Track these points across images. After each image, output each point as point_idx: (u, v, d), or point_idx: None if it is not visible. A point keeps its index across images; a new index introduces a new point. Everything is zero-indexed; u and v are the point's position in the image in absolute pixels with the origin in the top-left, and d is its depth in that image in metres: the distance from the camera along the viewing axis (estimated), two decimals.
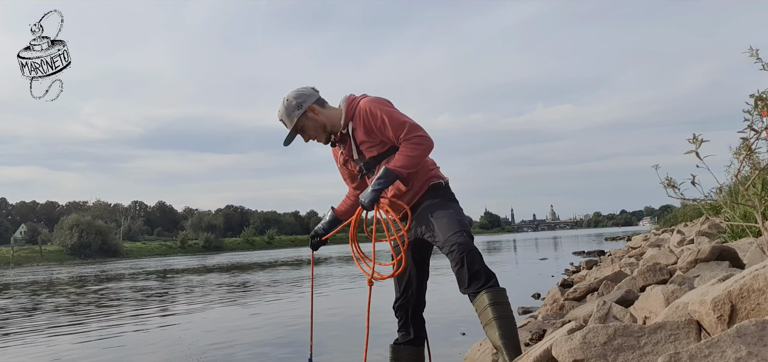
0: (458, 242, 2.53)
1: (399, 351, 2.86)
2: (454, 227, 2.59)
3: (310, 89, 2.83)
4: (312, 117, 2.77)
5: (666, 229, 19.70)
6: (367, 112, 2.69)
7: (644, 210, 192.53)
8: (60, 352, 5.51)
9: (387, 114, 2.67)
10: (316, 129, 2.79)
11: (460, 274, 2.51)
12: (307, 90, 2.82)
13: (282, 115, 2.80)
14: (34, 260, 57.91)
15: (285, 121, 2.80)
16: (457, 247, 2.52)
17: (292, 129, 2.78)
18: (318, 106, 2.78)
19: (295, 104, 2.76)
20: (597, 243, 29.49)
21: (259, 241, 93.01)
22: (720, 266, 3.58)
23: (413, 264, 2.85)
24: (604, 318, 2.92)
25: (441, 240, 2.59)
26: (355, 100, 2.78)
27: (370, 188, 2.65)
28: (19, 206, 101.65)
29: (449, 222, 2.60)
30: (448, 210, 2.67)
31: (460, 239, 2.54)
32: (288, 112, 2.77)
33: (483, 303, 2.44)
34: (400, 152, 2.65)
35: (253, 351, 4.94)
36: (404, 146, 2.65)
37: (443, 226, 2.60)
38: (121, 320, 7.75)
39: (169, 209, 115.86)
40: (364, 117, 2.69)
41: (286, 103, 2.78)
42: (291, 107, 2.76)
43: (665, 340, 1.80)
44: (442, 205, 2.69)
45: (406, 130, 2.64)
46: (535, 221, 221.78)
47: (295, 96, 2.78)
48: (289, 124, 2.78)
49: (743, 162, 2.83)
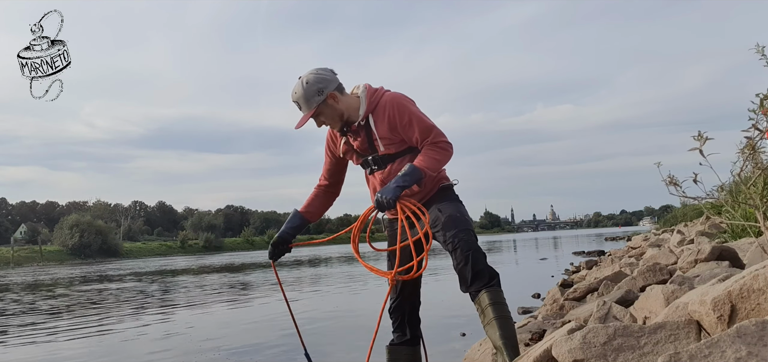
0: (463, 239, 2.52)
1: (395, 352, 2.85)
2: (461, 225, 2.57)
3: (330, 72, 2.65)
4: (331, 104, 2.60)
5: (666, 229, 19.70)
6: (393, 108, 2.59)
7: (644, 211, 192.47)
8: (59, 352, 5.51)
9: (415, 114, 2.60)
10: (333, 117, 2.63)
11: (463, 272, 2.50)
12: (328, 73, 2.63)
13: (299, 98, 2.59)
14: (34, 260, 57.91)
15: (301, 105, 2.60)
16: (462, 245, 2.51)
17: (307, 115, 2.60)
18: (338, 93, 2.61)
19: (315, 89, 2.56)
20: (597, 243, 29.45)
21: (259, 241, 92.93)
22: (720, 266, 3.58)
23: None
24: (604, 318, 2.91)
25: (446, 236, 2.57)
26: (378, 91, 2.67)
27: (393, 184, 2.52)
28: (19, 206, 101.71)
29: (456, 220, 2.59)
30: (455, 209, 2.66)
31: (466, 237, 2.53)
32: (307, 96, 2.57)
33: (484, 302, 2.44)
34: (426, 154, 2.58)
35: (253, 350, 4.93)
36: (430, 149, 2.58)
37: (449, 223, 2.58)
38: (120, 320, 7.75)
39: (169, 209, 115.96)
40: (390, 112, 2.59)
41: (305, 85, 2.57)
42: (311, 92, 2.56)
43: (665, 340, 1.80)
44: (450, 205, 2.68)
45: (433, 135, 2.59)
46: (535, 221, 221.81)
47: (316, 80, 2.58)
48: (305, 108, 2.59)
49: (746, 161, 2.83)
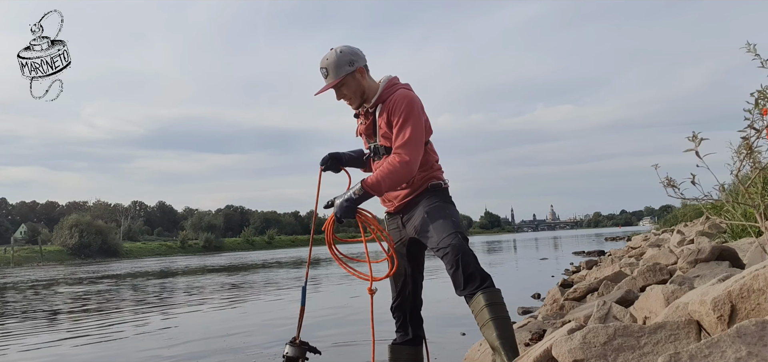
0: (452, 244, 2.51)
1: (398, 351, 2.85)
2: (449, 229, 2.57)
3: (361, 51, 2.75)
4: (358, 78, 2.69)
5: (666, 229, 19.71)
6: (394, 105, 2.64)
7: (644, 210, 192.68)
8: (58, 352, 5.51)
9: (405, 121, 2.61)
10: (355, 92, 2.71)
11: (455, 277, 2.50)
12: (359, 51, 2.74)
13: (328, 65, 2.66)
14: (34, 260, 57.84)
15: (329, 71, 2.67)
16: (451, 249, 2.50)
17: (333, 82, 2.66)
18: (365, 71, 2.73)
19: (347, 59, 2.66)
20: (597, 243, 29.47)
21: (259, 241, 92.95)
22: (720, 266, 3.58)
23: (408, 263, 2.83)
24: (604, 318, 2.92)
25: (435, 242, 2.57)
26: (395, 85, 2.74)
27: (343, 199, 2.63)
28: (19, 206, 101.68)
29: (444, 224, 2.58)
30: (443, 212, 2.64)
31: (454, 241, 2.51)
32: (338, 63, 2.65)
33: (479, 304, 2.43)
34: (380, 169, 2.63)
35: (253, 350, 4.93)
36: (386, 163, 2.62)
37: (438, 228, 2.58)
38: (120, 320, 7.75)
39: (169, 209, 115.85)
40: (392, 106, 2.65)
41: (338, 53, 2.66)
42: (343, 60, 2.65)
43: (665, 340, 1.80)
44: (438, 207, 2.67)
45: (399, 148, 2.60)
46: (535, 221, 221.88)
47: (350, 51, 2.69)
48: (333, 75, 2.66)
49: (744, 161, 2.83)
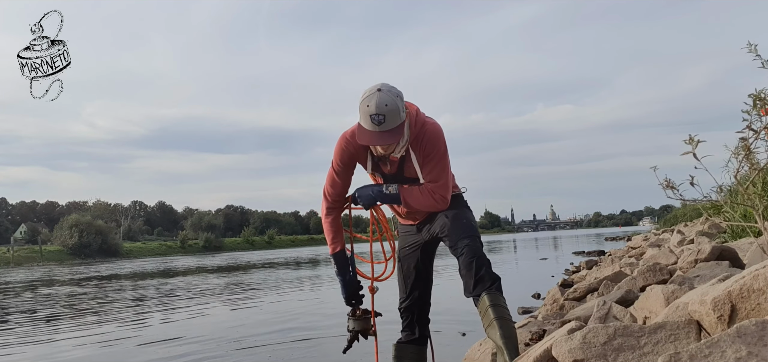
0: (471, 246, 2.55)
1: (402, 350, 2.87)
2: (469, 231, 2.61)
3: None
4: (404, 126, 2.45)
5: (666, 229, 19.71)
6: (429, 142, 2.53)
7: (644, 210, 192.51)
8: (58, 352, 5.51)
9: (441, 157, 2.57)
10: (398, 139, 2.44)
11: (467, 278, 2.53)
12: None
13: (388, 112, 2.31)
14: (34, 260, 57.86)
15: (387, 119, 2.33)
16: (468, 250, 2.54)
17: (394, 137, 2.38)
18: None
19: (402, 105, 2.39)
20: (597, 243, 29.45)
21: (259, 241, 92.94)
22: (720, 266, 3.58)
23: (420, 265, 2.86)
24: (604, 318, 2.92)
25: (454, 240, 2.60)
26: (419, 118, 2.54)
27: (373, 188, 2.64)
28: (19, 206, 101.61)
29: (465, 226, 2.62)
30: (463, 215, 2.69)
31: (473, 243, 2.56)
32: (395, 112, 2.35)
33: (485, 304, 2.47)
34: (419, 191, 2.60)
35: (252, 349, 4.93)
36: (425, 191, 2.60)
37: (458, 228, 2.61)
38: (119, 320, 7.75)
39: (169, 209, 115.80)
40: (427, 144, 2.53)
41: (396, 98, 2.35)
42: (401, 106, 2.38)
43: (665, 340, 1.80)
44: (458, 211, 2.71)
45: (438, 185, 2.58)
46: (535, 221, 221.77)
47: (400, 95, 2.40)
48: (391, 123, 2.35)
49: (742, 162, 2.83)
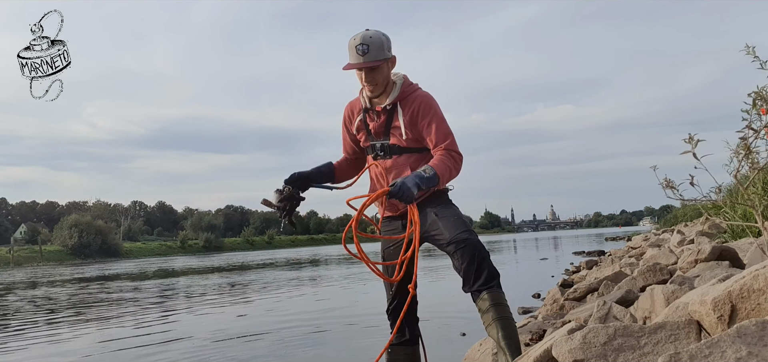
0: (468, 239, 2.52)
1: (395, 352, 2.86)
2: (461, 226, 2.58)
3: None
4: (390, 67, 2.64)
5: (666, 229, 19.70)
6: (421, 103, 2.62)
7: (644, 210, 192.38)
8: (58, 353, 5.51)
9: (438, 116, 2.63)
10: (383, 79, 2.62)
11: (466, 272, 2.49)
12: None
13: (372, 42, 2.53)
14: (33, 260, 57.81)
15: (371, 49, 2.53)
16: (468, 244, 2.50)
17: (372, 62, 2.54)
18: (394, 64, 2.68)
19: (388, 44, 2.59)
20: (597, 243, 29.46)
21: (259, 241, 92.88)
22: (720, 266, 3.58)
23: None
24: (604, 318, 2.92)
25: (447, 238, 2.56)
26: (414, 85, 2.72)
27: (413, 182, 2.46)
28: (19, 206, 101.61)
29: (456, 222, 2.59)
30: (452, 211, 2.66)
31: (468, 236, 2.53)
32: (381, 45, 2.55)
33: (485, 303, 2.44)
34: (442, 160, 2.57)
35: (252, 349, 4.94)
36: (446, 156, 2.59)
37: (449, 225, 2.58)
38: (120, 320, 7.75)
39: (169, 209, 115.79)
40: (419, 105, 2.62)
41: (382, 36, 2.57)
42: (386, 44, 2.57)
43: (665, 340, 1.80)
44: (446, 208, 2.68)
45: (449, 142, 2.61)
46: (535, 221, 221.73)
47: (389, 39, 2.60)
48: (374, 55, 2.54)
49: (742, 161, 2.83)
